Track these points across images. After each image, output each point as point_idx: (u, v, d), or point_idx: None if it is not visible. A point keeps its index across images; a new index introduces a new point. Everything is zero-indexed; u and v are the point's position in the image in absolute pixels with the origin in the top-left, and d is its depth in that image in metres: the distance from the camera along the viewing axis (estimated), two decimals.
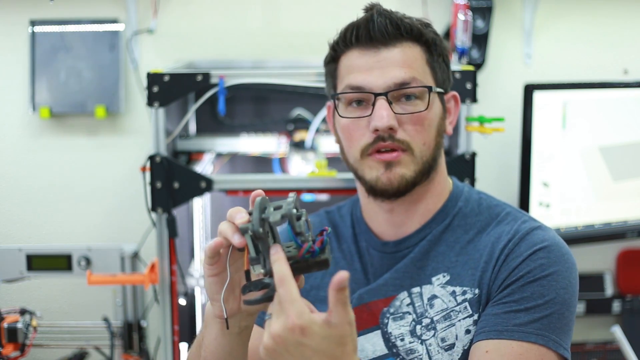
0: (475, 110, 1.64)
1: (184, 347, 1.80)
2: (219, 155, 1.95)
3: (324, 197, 1.85)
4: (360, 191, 1.25)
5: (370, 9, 1.17)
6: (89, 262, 1.81)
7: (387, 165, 1.15)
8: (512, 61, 2.22)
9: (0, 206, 2.22)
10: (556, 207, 2.03)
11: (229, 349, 1.03)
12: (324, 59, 1.24)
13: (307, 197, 1.75)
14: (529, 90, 1.95)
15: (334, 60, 1.21)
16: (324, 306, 0.86)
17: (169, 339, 1.71)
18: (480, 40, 2.08)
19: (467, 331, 1.13)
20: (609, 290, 2.29)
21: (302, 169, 1.82)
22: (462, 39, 1.88)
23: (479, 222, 1.21)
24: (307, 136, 1.87)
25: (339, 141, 1.24)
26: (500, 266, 1.13)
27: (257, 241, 0.89)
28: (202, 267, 1.93)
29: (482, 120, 1.59)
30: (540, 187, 2.00)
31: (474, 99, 1.62)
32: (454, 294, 1.15)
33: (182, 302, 1.85)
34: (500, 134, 1.60)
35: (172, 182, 1.64)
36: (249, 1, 2.18)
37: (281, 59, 2.03)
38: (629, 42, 2.25)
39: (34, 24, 2.12)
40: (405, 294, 1.19)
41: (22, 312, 1.78)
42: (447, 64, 1.22)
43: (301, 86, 1.64)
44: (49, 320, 1.90)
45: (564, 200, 2.03)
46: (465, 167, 1.62)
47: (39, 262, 1.82)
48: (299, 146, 1.86)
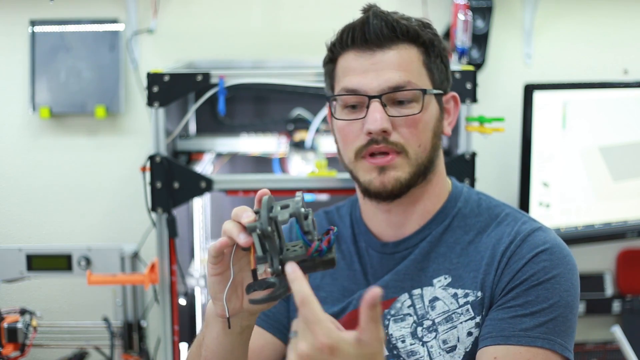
0: (475, 110, 1.64)
1: (184, 347, 1.80)
2: (219, 155, 1.95)
3: (324, 197, 1.85)
4: (358, 192, 1.25)
5: (367, 10, 1.17)
6: (89, 262, 1.81)
7: (381, 169, 1.15)
8: (512, 61, 2.22)
9: (0, 206, 2.22)
10: (556, 207, 2.03)
11: (230, 348, 1.03)
12: (323, 60, 1.24)
13: (307, 197, 1.75)
14: (529, 90, 1.95)
15: (331, 61, 1.21)
16: (324, 307, 0.86)
17: (169, 339, 1.71)
18: (480, 40, 2.08)
19: (469, 333, 1.13)
20: (609, 290, 2.29)
21: (302, 169, 1.82)
22: (462, 39, 1.88)
23: (479, 222, 1.21)
24: (307, 136, 1.87)
25: (336, 142, 1.24)
26: (503, 269, 1.13)
27: (264, 240, 0.89)
28: (202, 266, 1.94)
29: (482, 120, 1.59)
30: (540, 187, 2.00)
31: (474, 99, 1.62)
32: (455, 296, 1.15)
33: (182, 302, 1.85)
34: (500, 134, 1.60)
35: (172, 182, 1.64)
36: (249, 1, 2.18)
37: (281, 59, 2.03)
38: (629, 42, 2.25)
39: (34, 24, 2.12)
40: (406, 296, 1.19)
41: (22, 312, 1.78)
42: (445, 65, 1.21)
43: (301, 86, 1.64)
44: (49, 320, 1.90)
45: (564, 200, 2.03)
46: (465, 167, 1.62)
47: (39, 262, 1.82)
48: (299, 146, 1.86)
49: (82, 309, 2.18)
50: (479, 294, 1.14)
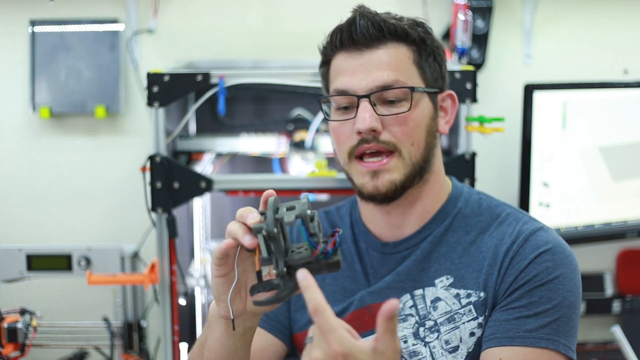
0: (475, 110, 1.64)
1: (184, 347, 1.80)
2: (219, 155, 1.95)
3: (324, 197, 1.85)
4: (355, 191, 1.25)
5: (355, 10, 1.16)
6: (89, 262, 1.81)
7: (373, 173, 1.15)
8: (512, 61, 2.22)
9: (0, 206, 2.22)
10: (556, 207, 2.03)
11: (233, 350, 1.03)
12: (319, 63, 1.24)
13: (306, 193, 1.75)
14: (529, 90, 1.95)
15: (325, 63, 1.22)
16: None
17: (169, 339, 1.71)
18: (480, 40, 2.08)
19: (472, 334, 1.13)
20: (609, 290, 2.29)
21: (302, 169, 1.82)
22: (462, 39, 1.88)
23: (480, 222, 1.21)
24: (307, 136, 1.87)
25: (332, 144, 1.24)
26: (505, 269, 1.13)
27: (270, 241, 0.88)
28: (202, 266, 1.94)
29: (482, 120, 1.59)
30: (540, 187, 2.00)
31: (474, 99, 1.62)
32: (458, 296, 1.15)
33: (182, 302, 1.85)
34: (500, 134, 1.60)
35: (172, 182, 1.64)
36: (249, 1, 2.18)
37: (281, 59, 2.03)
38: (629, 42, 2.25)
39: (34, 24, 2.12)
40: (407, 296, 1.19)
41: (22, 312, 1.78)
42: (439, 63, 1.20)
43: (301, 86, 1.64)
44: (49, 320, 1.90)
45: (564, 200, 2.03)
46: (465, 167, 1.62)
47: (39, 262, 1.82)
48: (299, 146, 1.86)
49: (82, 309, 2.18)
50: (482, 294, 1.14)
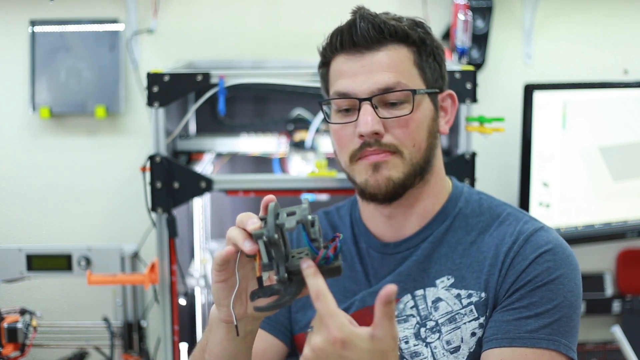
0: (475, 110, 1.64)
1: (184, 347, 1.80)
2: (219, 155, 1.95)
3: (324, 197, 1.84)
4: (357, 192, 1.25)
5: (355, 12, 1.16)
6: (89, 262, 1.81)
7: (375, 167, 1.14)
8: (512, 61, 2.22)
9: (0, 206, 2.22)
10: (556, 207, 2.03)
11: (234, 353, 1.03)
12: (318, 64, 1.24)
13: (307, 197, 1.75)
14: (529, 90, 1.95)
15: (324, 65, 1.21)
16: None
17: (169, 339, 1.71)
18: (480, 40, 2.08)
19: (473, 334, 1.13)
20: (609, 290, 2.29)
21: (302, 169, 1.82)
22: (462, 39, 1.88)
23: (481, 222, 1.20)
24: (307, 136, 1.86)
25: (333, 146, 1.24)
26: (506, 270, 1.13)
27: (270, 247, 0.88)
28: (202, 266, 1.94)
29: (482, 120, 1.59)
30: (540, 187, 2.00)
31: (474, 99, 1.62)
32: (459, 296, 1.15)
33: (182, 302, 1.85)
34: (500, 134, 1.60)
35: (172, 182, 1.64)
36: (249, 1, 2.18)
37: (281, 59, 2.03)
38: (629, 42, 2.25)
39: (34, 24, 2.12)
40: (408, 297, 1.19)
41: (22, 312, 1.78)
42: (439, 63, 1.20)
43: (301, 86, 1.64)
44: (49, 320, 1.90)
45: (564, 200, 2.03)
46: (465, 167, 1.62)
47: (39, 262, 1.82)
48: (299, 146, 1.86)
49: (82, 309, 2.18)
50: (483, 294, 1.14)
